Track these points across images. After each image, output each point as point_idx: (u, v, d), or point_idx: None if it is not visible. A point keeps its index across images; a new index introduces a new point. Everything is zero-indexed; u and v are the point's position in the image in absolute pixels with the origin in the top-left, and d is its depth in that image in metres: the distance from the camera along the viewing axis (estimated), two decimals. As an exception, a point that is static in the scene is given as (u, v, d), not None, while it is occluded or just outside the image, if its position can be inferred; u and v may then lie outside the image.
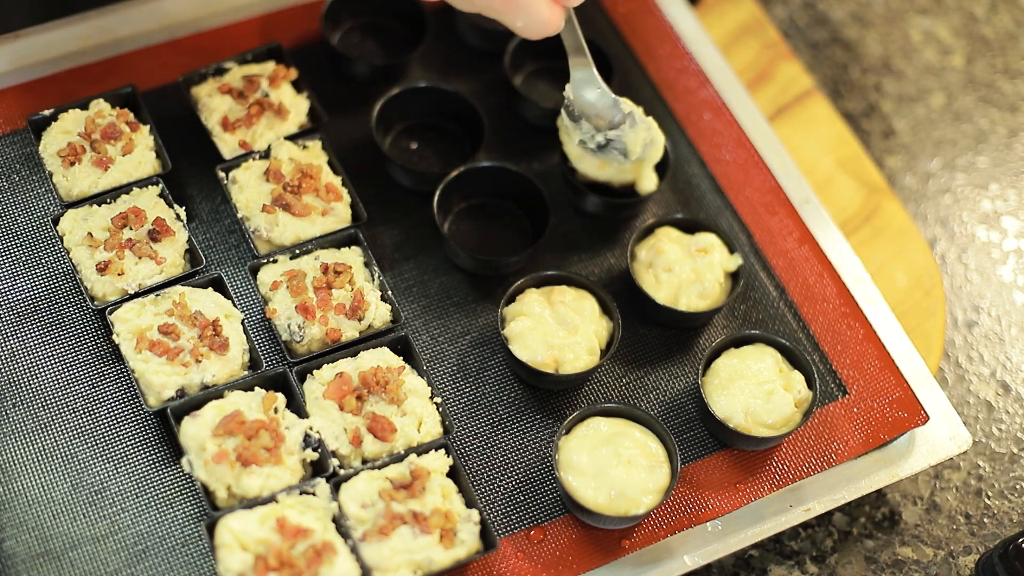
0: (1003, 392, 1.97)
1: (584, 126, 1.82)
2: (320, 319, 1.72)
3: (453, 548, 1.60)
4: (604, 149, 1.83)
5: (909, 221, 2.05)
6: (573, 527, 1.69)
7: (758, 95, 2.12)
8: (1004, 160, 2.22)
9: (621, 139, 1.81)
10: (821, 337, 1.86)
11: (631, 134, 1.81)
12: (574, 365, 1.74)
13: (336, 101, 1.97)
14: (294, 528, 1.56)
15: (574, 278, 1.81)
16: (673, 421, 1.78)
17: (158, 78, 1.94)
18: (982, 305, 2.05)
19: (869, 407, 1.80)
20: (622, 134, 1.81)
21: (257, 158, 1.84)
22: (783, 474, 1.75)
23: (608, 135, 1.81)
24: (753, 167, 1.98)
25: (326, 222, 1.81)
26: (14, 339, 1.74)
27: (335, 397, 1.67)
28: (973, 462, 1.91)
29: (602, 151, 1.83)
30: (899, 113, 2.25)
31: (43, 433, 1.68)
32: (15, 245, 1.80)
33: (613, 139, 1.82)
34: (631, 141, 1.82)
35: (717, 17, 2.20)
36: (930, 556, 1.82)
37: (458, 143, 1.98)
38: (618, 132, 1.81)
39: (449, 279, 1.87)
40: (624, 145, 1.82)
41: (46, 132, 1.83)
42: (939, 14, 2.37)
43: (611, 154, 1.83)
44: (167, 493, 1.66)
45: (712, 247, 1.84)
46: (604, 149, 1.83)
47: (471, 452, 1.74)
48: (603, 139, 1.82)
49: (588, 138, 1.82)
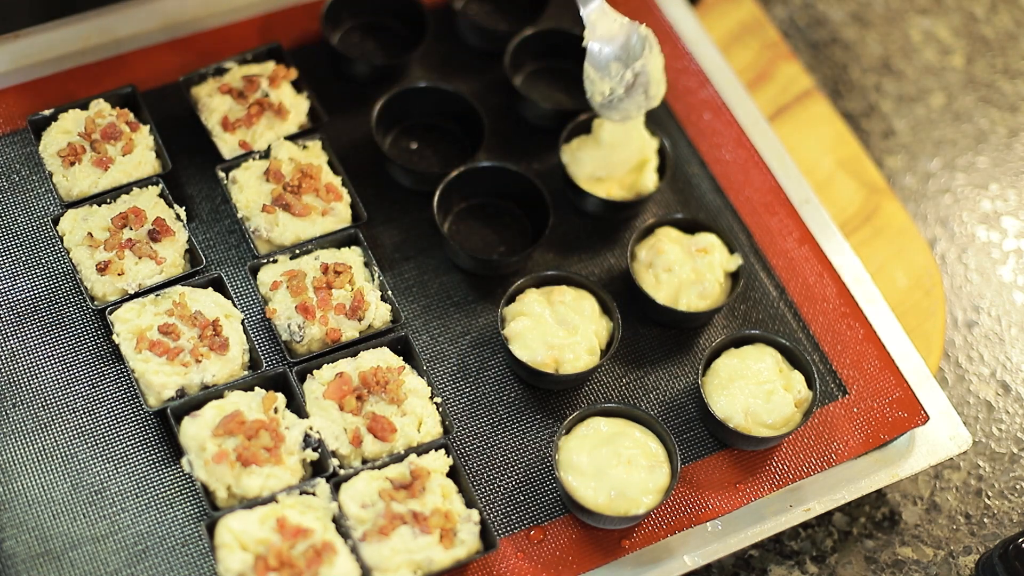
0: (1003, 392, 1.97)
1: (613, 68, 1.79)
2: (320, 319, 1.72)
3: (453, 548, 1.60)
4: (631, 90, 1.80)
5: (909, 221, 2.05)
6: (573, 527, 1.69)
7: (758, 95, 2.12)
8: (1004, 160, 2.22)
9: (646, 69, 1.79)
10: (821, 337, 1.86)
11: (652, 60, 1.80)
12: (574, 365, 1.74)
13: (336, 101, 1.97)
14: (294, 528, 1.56)
15: (574, 278, 1.81)
16: (673, 421, 1.78)
17: (158, 78, 1.94)
18: (982, 305, 2.05)
19: (869, 407, 1.80)
20: (647, 62, 1.79)
21: (257, 158, 1.84)
22: (783, 474, 1.75)
23: (635, 68, 1.79)
24: (753, 167, 1.98)
25: (326, 222, 1.81)
26: (14, 339, 1.74)
27: (335, 397, 1.67)
28: (973, 462, 1.91)
29: (629, 95, 1.80)
30: (899, 113, 2.25)
31: (43, 433, 1.68)
32: (15, 245, 1.80)
33: (639, 72, 1.79)
34: (654, 68, 1.80)
35: (717, 17, 2.20)
36: (930, 556, 1.82)
37: (458, 143, 1.98)
38: (643, 61, 1.79)
39: (449, 279, 1.87)
40: (648, 76, 1.80)
41: (46, 132, 1.83)
42: (939, 14, 2.37)
43: (635, 96, 1.80)
44: (167, 493, 1.66)
45: (712, 247, 1.84)
46: (631, 90, 1.80)
47: (471, 452, 1.74)
48: (631, 76, 1.79)
49: (618, 81, 1.80)
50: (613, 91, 1.80)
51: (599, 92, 1.81)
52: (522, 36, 2.01)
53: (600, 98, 1.82)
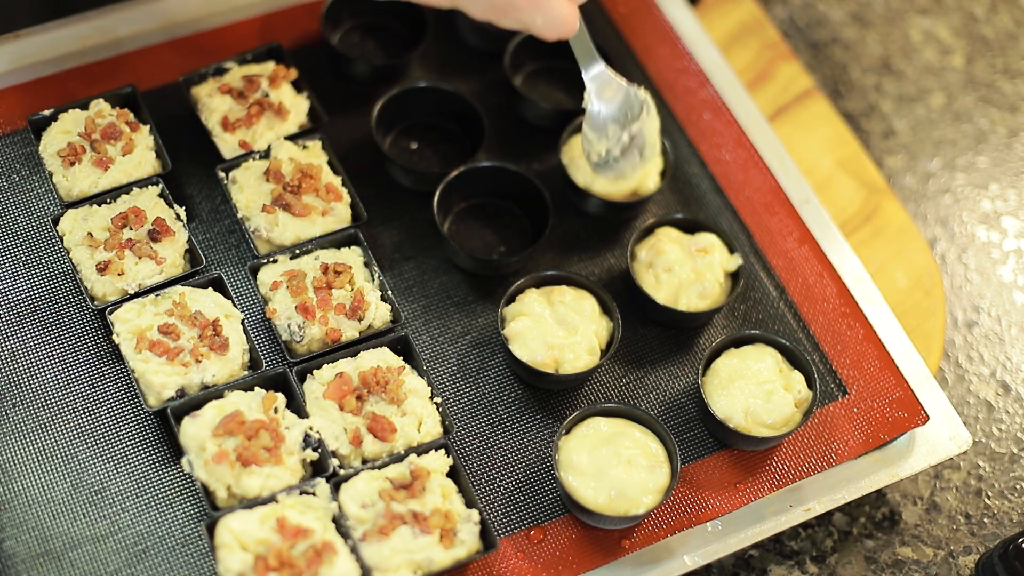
0: (1003, 392, 1.97)
1: (610, 129, 1.79)
2: (320, 319, 1.72)
3: (453, 548, 1.60)
4: (627, 151, 1.80)
5: (909, 221, 2.05)
6: (573, 527, 1.69)
7: (758, 95, 2.12)
8: (1004, 160, 2.22)
9: (643, 131, 1.79)
10: (821, 337, 1.86)
11: (649, 122, 1.80)
12: (574, 365, 1.74)
13: (336, 101, 1.97)
14: (294, 528, 1.56)
15: (574, 278, 1.81)
16: (673, 421, 1.78)
17: (158, 78, 1.94)
18: (982, 305, 2.05)
19: (869, 407, 1.80)
20: (644, 125, 1.79)
21: (257, 158, 1.84)
22: (783, 474, 1.75)
23: (632, 130, 1.79)
24: (753, 167, 1.98)
25: (326, 222, 1.81)
26: (14, 339, 1.74)
27: (335, 397, 1.67)
28: (973, 462, 1.91)
29: (624, 156, 1.81)
30: (899, 113, 2.25)
31: (43, 433, 1.68)
32: (15, 245, 1.80)
33: (636, 134, 1.79)
34: (650, 130, 1.80)
35: (717, 17, 2.20)
36: (930, 556, 1.82)
37: (458, 143, 1.98)
38: (640, 124, 1.79)
39: (449, 279, 1.87)
40: (644, 138, 1.80)
41: (46, 132, 1.83)
42: (939, 14, 2.37)
43: (631, 156, 1.81)
44: (167, 493, 1.66)
45: (712, 247, 1.84)
46: (627, 151, 1.80)
47: (471, 452, 1.74)
48: (628, 137, 1.79)
49: (615, 142, 1.80)
50: (609, 151, 1.80)
51: (596, 152, 1.81)
52: (522, 36, 2.00)
53: (597, 158, 1.81)
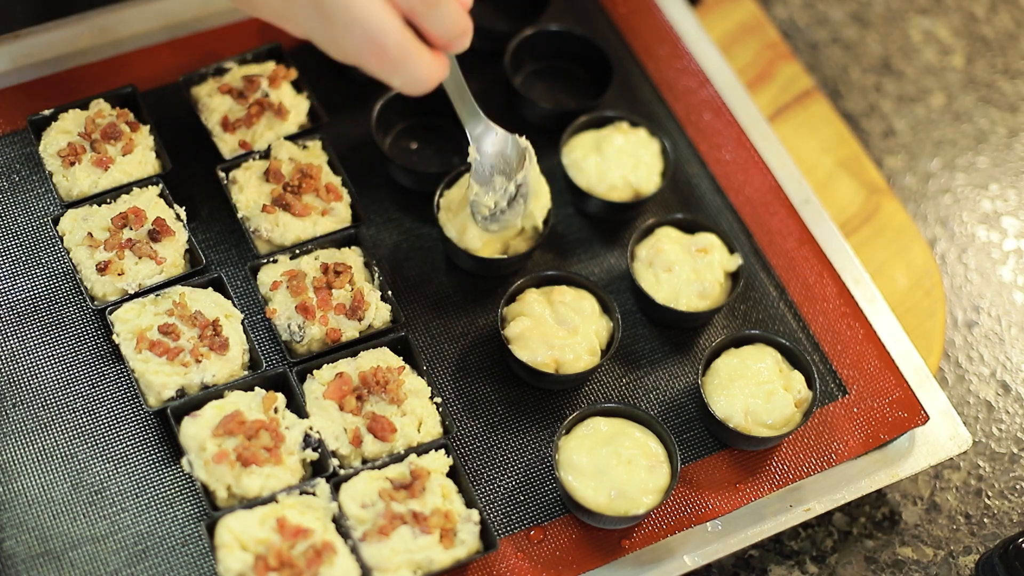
0: (1003, 392, 1.97)
1: (497, 181, 1.75)
2: (320, 319, 1.72)
3: (453, 548, 1.60)
4: (513, 201, 1.76)
5: (909, 221, 2.05)
6: (573, 527, 1.69)
7: (758, 95, 2.12)
8: (1004, 160, 2.22)
9: (527, 180, 1.76)
10: (821, 337, 1.86)
11: (532, 170, 1.77)
12: (574, 365, 1.74)
13: (336, 101, 1.97)
14: (294, 528, 1.56)
15: (574, 278, 1.81)
16: (673, 421, 1.78)
17: (158, 78, 1.94)
18: (982, 305, 2.05)
19: (869, 407, 1.80)
20: (527, 173, 1.75)
21: (257, 158, 1.84)
22: (783, 474, 1.75)
23: (517, 180, 1.75)
24: (753, 167, 1.98)
25: (326, 222, 1.81)
26: (14, 339, 1.74)
27: (335, 397, 1.67)
28: (973, 462, 1.91)
29: (511, 207, 1.76)
30: (899, 113, 2.25)
31: (43, 433, 1.68)
32: (15, 245, 1.80)
33: (521, 183, 1.75)
34: (534, 178, 1.77)
35: (717, 17, 2.20)
36: (930, 556, 1.82)
37: (458, 143, 1.98)
38: (524, 172, 1.75)
39: (449, 279, 1.87)
40: (528, 187, 1.76)
41: (46, 132, 1.83)
42: (939, 14, 2.37)
43: (516, 207, 1.77)
44: (167, 493, 1.66)
45: (712, 247, 1.84)
46: (513, 201, 1.76)
47: (471, 452, 1.74)
48: (514, 188, 1.75)
49: (502, 194, 1.75)
50: (497, 204, 1.76)
51: (485, 206, 1.76)
52: (522, 36, 2.01)
53: (486, 211, 1.77)
